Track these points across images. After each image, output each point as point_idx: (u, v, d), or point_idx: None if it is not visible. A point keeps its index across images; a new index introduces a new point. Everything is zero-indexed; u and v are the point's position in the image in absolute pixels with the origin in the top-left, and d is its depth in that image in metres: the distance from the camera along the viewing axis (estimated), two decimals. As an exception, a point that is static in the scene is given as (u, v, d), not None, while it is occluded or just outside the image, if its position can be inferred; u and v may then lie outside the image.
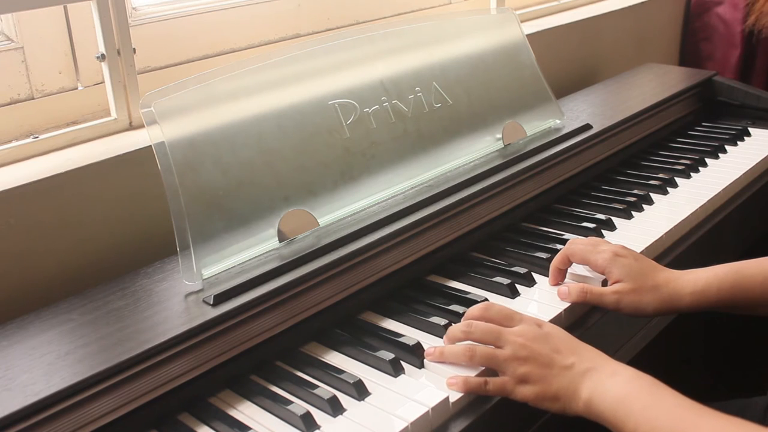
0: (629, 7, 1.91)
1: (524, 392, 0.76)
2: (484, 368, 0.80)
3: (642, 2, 1.94)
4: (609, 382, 0.73)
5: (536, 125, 1.29)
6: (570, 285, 0.91)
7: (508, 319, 0.81)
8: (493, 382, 0.77)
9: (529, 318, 0.81)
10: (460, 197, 1.05)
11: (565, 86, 1.62)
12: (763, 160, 1.35)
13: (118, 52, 1.06)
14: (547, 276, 0.97)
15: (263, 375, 0.82)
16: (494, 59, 1.26)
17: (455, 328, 0.83)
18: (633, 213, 1.16)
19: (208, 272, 0.87)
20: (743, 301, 0.91)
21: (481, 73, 1.22)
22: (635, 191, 1.22)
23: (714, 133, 1.49)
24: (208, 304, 0.81)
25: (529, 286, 0.96)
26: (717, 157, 1.37)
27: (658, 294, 0.89)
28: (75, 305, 0.82)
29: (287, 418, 0.74)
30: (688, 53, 2.20)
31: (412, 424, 0.73)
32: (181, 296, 0.83)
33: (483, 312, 0.82)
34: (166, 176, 0.86)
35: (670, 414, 0.68)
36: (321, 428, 0.73)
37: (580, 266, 0.97)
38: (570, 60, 1.75)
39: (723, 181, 1.25)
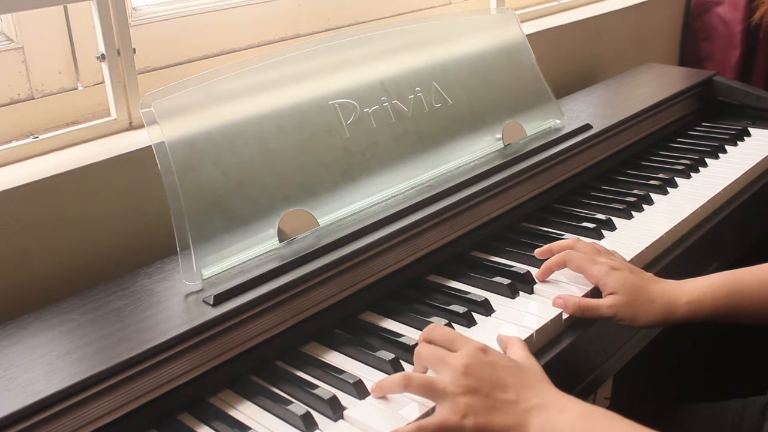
0: (629, 7, 1.91)
1: (465, 426, 0.68)
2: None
3: (642, 2, 1.94)
4: (560, 420, 0.68)
5: (536, 125, 1.29)
6: (566, 298, 0.90)
7: (450, 343, 0.75)
8: (430, 423, 0.69)
9: (472, 342, 0.74)
10: (460, 197, 1.05)
11: (565, 86, 1.62)
12: (763, 160, 1.35)
13: (118, 52, 1.06)
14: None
15: (263, 375, 0.82)
16: (494, 59, 1.26)
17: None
18: (633, 213, 1.16)
19: (208, 272, 0.87)
20: (739, 309, 0.91)
21: (481, 73, 1.22)
22: (635, 191, 1.22)
23: (714, 133, 1.49)
24: (208, 304, 0.81)
25: (529, 286, 0.95)
26: (717, 157, 1.37)
27: (653, 306, 0.89)
28: (75, 305, 0.82)
29: (287, 418, 0.74)
30: (688, 53, 2.20)
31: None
32: (181, 296, 0.83)
33: (427, 334, 0.77)
34: (166, 176, 0.86)
35: None
36: (321, 428, 0.73)
37: (572, 271, 0.98)
38: (570, 60, 1.75)
39: (723, 181, 1.25)
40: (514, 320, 0.88)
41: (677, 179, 1.27)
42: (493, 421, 0.68)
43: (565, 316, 0.89)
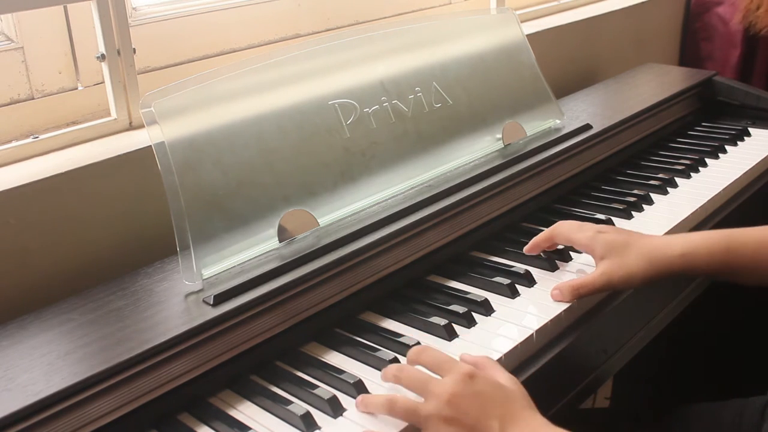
0: (629, 7, 1.91)
1: None
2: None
3: (642, 2, 1.94)
4: None
5: (536, 125, 1.29)
6: (561, 286, 0.90)
7: (438, 367, 0.74)
8: None
9: (461, 368, 0.72)
10: (460, 197, 1.05)
11: (565, 86, 1.62)
12: (763, 160, 1.35)
13: (118, 52, 1.06)
14: (546, 273, 0.98)
15: (263, 375, 0.82)
16: (494, 59, 1.26)
17: (390, 368, 0.76)
18: (633, 213, 1.16)
19: (208, 272, 0.87)
20: (734, 267, 0.90)
21: (481, 73, 1.22)
22: (635, 191, 1.22)
23: (714, 133, 1.49)
24: (208, 304, 0.81)
25: (529, 286, 0.95)
26: (717, 157, 1.37)
27: (646, 260, 0.88)
28: (75, 305, 0.82)
29: (287, 418, 0.74)
30: (688, 53, 2.20)
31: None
32: (181, 296, 0.83)
33: (416, 355, 0.76)
34: (166, 176, 0.86)
35: None
36: (321, 428, 0.73)
37: (572, 271, 0.98)
38: (570, 60, 1.75)
39: (723, 181, 1.25)
40: (514, 320, 0.88)
41: (677, 179, 1.27)
42: None
43: (565, 315, 0.89)
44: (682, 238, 0.91)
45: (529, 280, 0.96)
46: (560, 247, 1.01)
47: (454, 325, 0.87)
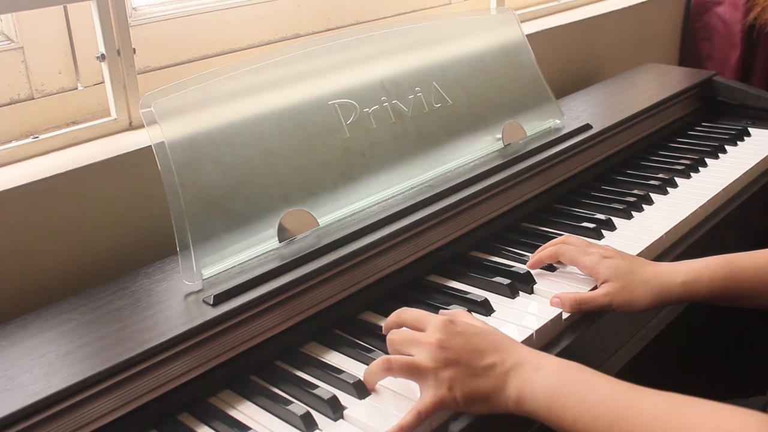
0: (629, 7, 1.91)
1: (456, 398, 0.71)
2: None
3: (642, 2, 1.94)
4: (536, 378, 0.71)
5: (536, 125, 1.29)
6: (562, 296, 0.90)
7: (418, 322, 0.78)
8: (424, 405, 0.70)
9: (439, 317, 0.77)
10: (460, 197, 1.05)
11: (565, 86, 1.62)
12: (763, 160, 1.35)
13: (118, 52, 1.06)
14: (546, 273, 0.98)
15: (263, 375, 0.82)
16: (494, 59, 1.26)
17: (389, 335, 0.79)
18: (633, 213, 1.16)
19: (208, 272, 0.87)
20: (735, 292, 0.91)
21: (481, 73, 1.22)
22: (635, 191, 1.22)
23: (714, 133, 1.49)
24: (208, 304, 0.81)
25: (529, 287, 0.95)
26: (717, 157, 1.37)
27: (649, 288, 0.89)
28: (75, 305, 0.82)
29: (287, 418, 0.74)
30: (688, 53, 2.20)
31: (412, 424, 0.73)
32: (181, 296, 0.83)
33: (396, 318, 0.81)
34: (166, 176, 0.86)
35: (608, 402, 0.68)
36: (321, 428, 0.73)
37: (571, 272, 0.98)
38: (570, 60, 1.75)
39: (723, 181, 1.25)
40: (514, 320, 0.88)
41: (677, 179, 1.27)
42: (479, 387, 0.71)
43: (565, 315, 0.89)
44: (684, 266, 0.92)
45: (529, 280, 0.96)
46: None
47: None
